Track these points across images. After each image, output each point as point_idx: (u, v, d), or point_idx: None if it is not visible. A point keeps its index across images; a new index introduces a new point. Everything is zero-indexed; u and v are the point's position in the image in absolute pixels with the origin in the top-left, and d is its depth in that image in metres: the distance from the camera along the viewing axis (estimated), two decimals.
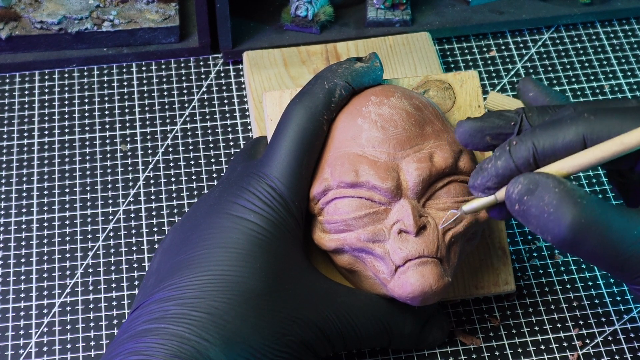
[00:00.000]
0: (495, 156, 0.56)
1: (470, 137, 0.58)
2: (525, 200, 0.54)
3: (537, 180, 0.54)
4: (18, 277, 0.69)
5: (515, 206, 0.54)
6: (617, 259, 0.53)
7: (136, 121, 0.78)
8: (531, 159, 0.55)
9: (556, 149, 0.55)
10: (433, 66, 0.78)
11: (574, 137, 0.55)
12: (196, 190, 0.73)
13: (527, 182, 0.54)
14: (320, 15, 0.81)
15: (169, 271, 0.58)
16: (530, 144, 0.55)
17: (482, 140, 0.58)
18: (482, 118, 0.58)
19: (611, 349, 0.65)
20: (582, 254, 0.54)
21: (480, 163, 0.57)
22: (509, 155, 0.55)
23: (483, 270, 0.65)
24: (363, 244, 0.59)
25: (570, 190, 0.53)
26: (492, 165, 0.56)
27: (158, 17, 0.80)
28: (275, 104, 0.65)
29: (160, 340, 0.55)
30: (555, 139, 0.55)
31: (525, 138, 0.55)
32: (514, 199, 0.54)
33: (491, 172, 0.56)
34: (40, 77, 0.80)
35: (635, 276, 0.54)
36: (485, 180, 0.56)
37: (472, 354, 0.65)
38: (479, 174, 0.57)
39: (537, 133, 0.55)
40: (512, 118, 0.58)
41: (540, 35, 0.84)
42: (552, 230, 0.53)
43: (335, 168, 0.59)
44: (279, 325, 0.57)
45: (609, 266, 0.54)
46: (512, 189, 0.54)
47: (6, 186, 0.74)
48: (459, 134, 0.58)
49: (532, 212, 0.54)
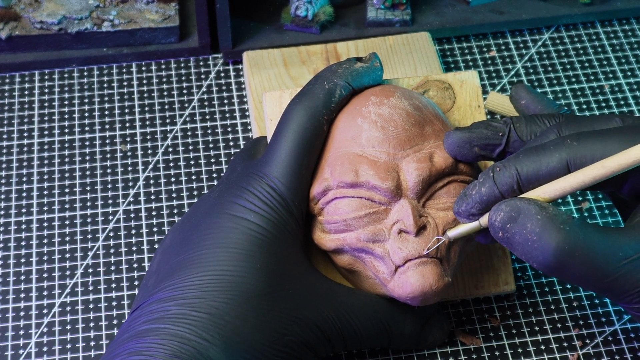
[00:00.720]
0: (479, 182, 0.56)
1: (458, 148, 0.59)
2: (509, 227, 0.54)
3: (519, 207, 0.54)
4: (18, 277, 0.69)
5: (499, 233, 0.54)
6: (604, 281, 0.53)
7: (136, 121, 0.78)
8: (515, 185, 0.55)
9: (540, 176, 0.55)
10: (433, 66, 0.78)
11: (558, 163, 0.55)
12: (196, 190, 0.73)
13: (509, 210, 0.54)
14: (320, 15, 0.81)
15: (169, 271, 0.58)
16: (514, 171, 0.55)
17: (470, 151, 0.59)
18: (470, 129, 0.59)
19: (611, 349, 0.65)
20: (569, 278, 0.54)
21: (464, 189, 0.57)
22: (493, 182, 0.55)
23: (483, 270, 0.65)
24: (363, 244, 0.59)
25: (553, 216, 0.53)
26: (476, 192, 0.56)
27: (158, 17, 0.80)
28: (275, 104, 0.65)
29: (160, 341, 0.55)
30: (539, 165, 0.55)
31: (509, 164, 0.55)
32: (497, 227, 0.54)
33: (475, 199, 0.56)
34: (40, 77, 0.80)
35: (624, 296, 0.54)
36: (470, 207, 0.56)
37: (472, 354, 0.65)
38: (463, 200, 0.57)
39: (520, 159, 0.55)
40: (500, 129, 0.58)
41: (540, 35, 0.84)
42: (536, 257, 0.53)
43: (335, 168, 0.59)
44: (279, 325, 0.57)
45: (597, 288, 0.54)
46: (494, 217, 0.54)
47: (6, 186, 0.74)
48: (447, 145, 0.59)
49: (516, 240, 0.54)
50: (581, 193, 0.73)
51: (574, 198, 0.73)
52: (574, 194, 0.73)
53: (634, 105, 0.79)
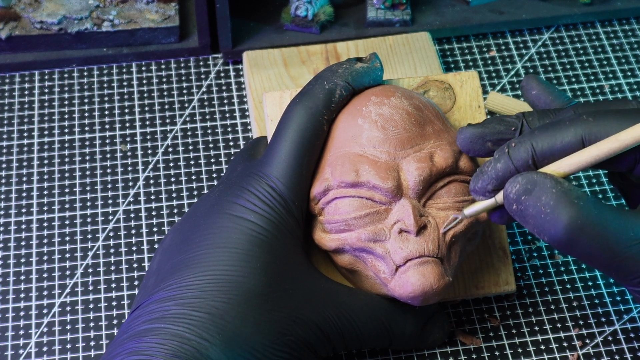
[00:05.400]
0: (494, 159, 0.56)
1: (471, 143, 0.59)
2: (523, 200, 0.54)
3: (534, 180, 0.54)
4: (18, 277, 0.69)
5: (513, 206, 0.55)
6: (613, 260, 0.53)
7: (136, 121, 0.78)
8: (530, 160, 0.55)
9: (555, 151, 0.55)
10: (433, 66, 0.78)
11: (573, 138, 0.55)
12: (196, 190, 0.73)
13: (525, 182, 0.54)
14: (320, 15, 0.81)
15: (169, 271, 0.58)
16: (529, 146, 0.55)
17: (483, 146, 0.59)
18: (482, 124, 0.59)
19: (611, 349, 0.65)
20: (579, 254, 0.54)
21: (480, 167, 0.57)
22: (508, 157, 0.55)
23: (483, 270, 0.65)
24: (364, 243, 0.59)
25: (568, 190, 0.53)
26: (491, 168, 0.56)
27: (158, 17, 0.80)
28: (275, 105, 0.65)
29: (160, 340, 0.55)
30: (553, 140, 0.55)
31: (524, 140, 0.55)
32: (511, 199, 0.55)
33: (491, 175, 0.56)
34: (40, 77, 0.80)
35: (631, 277, 0.54)
36: (486, 184, 0.56)
37: (472, 354, 0.65)
38: (479, 177, 0.57)
39: (535, 135, 0.55)
40: (513, 123, 0.58)
41: (540, 35, 0.84)
42: (548, 230, 0.53)
43: (336, 168, 0.59)
44: (279, 325, 0.57)
45: (605, 267, 0.54)
46: (510, 189, 0.55)
47: (6, 186, 0.73)
48: (459, 140, 0.59)
49: (529, 212, 0.54)
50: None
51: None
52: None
53: None
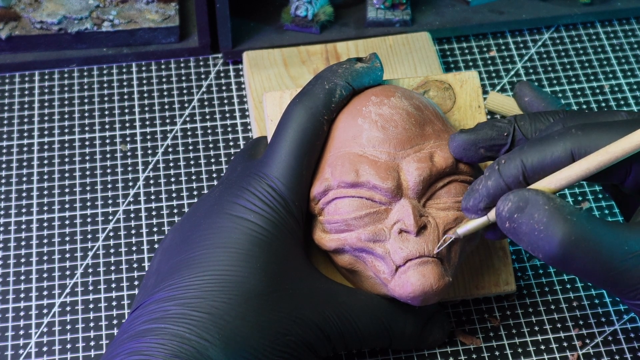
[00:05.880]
0: (485, 176, 0.56)
1: (464, 150, 0.59)
2: (516, 217, 0.54)
3: (526, 197, 0.54)
4: (18, 277, 0.69)
5: (506, 224, 0.54)
6: (608, 275, 0.53)
7: (136, 121, 0.78)
8: (520, 176, 0.55)
9: (545, 166, 0.55)
10: (433, 66, 0.78)
11: (562, 152, 0.55)
12: (196, 190, 0.73)
13: (517, 200, 0.54)
14: (320, 15, 0.81)
15: (169, 271, 0.58)
16: (519, 162, 0.55)
17: (476, 152, 0.59)
18: (474, 130, 0.59)
19: (611, 349, 0.65)
20: (574, 270, 0.54)
21: (471, 185, 0.57)
22: (499, 174, 0.55)
23: (483, 270, 0.65)
24: (363, 243, 0.59)
25: (560, 207, 0.53)
26: (482, 186, 0.56)
27: (158, 17, 0.80)
28: (276, 105, 0.65)
29: (160, 340, 0.55)
30: (543, 155, 0.55)
31: (514, 156, 0.55)
32: (504, 217, 0.54)
33: (482, 193, 0.56)
34: (40, 77, 0.80)
35: (627, 291, 0.54)
36: (478, 202, 0.56)
37: (472, 354, 0.65)
38: (470, 195, 0.57)
39: (525, 150, 0.55)
40: (505, 128, 0.58)
41: (540, 35, 0.84)
42: (542, 247, 0.53)
43: (336, 168, 0.60)
44: (279, 325, 0.57)
45: (601, 282, 0.54)
46: (502, 207, 0.54)
47: (6, 186, 0.73)
48: (452, 147, 0.59)
49: (522, 230, 0.54)
50: (581, 193, 0.73)
51: (574, 198, 0.73)
52: (574, 194, 0.73)
53: (634, 105, 0.79)
